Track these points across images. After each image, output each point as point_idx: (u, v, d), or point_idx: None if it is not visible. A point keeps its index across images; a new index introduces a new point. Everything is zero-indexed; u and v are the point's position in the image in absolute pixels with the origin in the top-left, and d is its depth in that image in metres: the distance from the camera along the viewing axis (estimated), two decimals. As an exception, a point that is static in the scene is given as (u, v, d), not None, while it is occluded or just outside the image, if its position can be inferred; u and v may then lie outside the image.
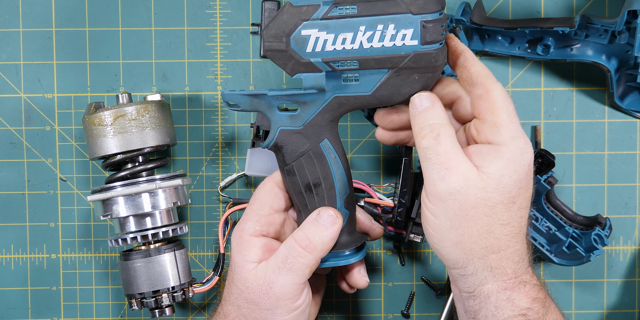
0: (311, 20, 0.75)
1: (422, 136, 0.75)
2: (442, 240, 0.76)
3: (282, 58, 0.77)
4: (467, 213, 0.74)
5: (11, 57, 0.96)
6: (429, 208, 0.75)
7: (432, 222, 0.76)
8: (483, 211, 0.74)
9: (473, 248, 0.75)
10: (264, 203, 0.83)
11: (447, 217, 0.74)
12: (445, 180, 0.73)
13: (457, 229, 0.74)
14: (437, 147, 0.74)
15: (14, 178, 0.97)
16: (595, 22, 0.88)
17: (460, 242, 0.75)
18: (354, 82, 0.78)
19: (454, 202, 0.73)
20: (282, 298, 0.79)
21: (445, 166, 0.73)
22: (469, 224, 0.74)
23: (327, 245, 0.80)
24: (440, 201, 0.74)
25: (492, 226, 0.74)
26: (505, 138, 0.74)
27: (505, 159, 0.74)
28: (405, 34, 0.75)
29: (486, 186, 0.73)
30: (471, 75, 0.77)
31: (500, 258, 0.75)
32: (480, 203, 0.73)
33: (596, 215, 0.94)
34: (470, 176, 0.73)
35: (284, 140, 0.80)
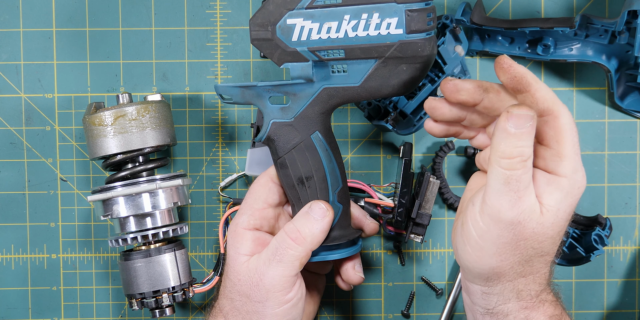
0: (296, 9, 0.77)
1: (511, 158, 0.70)
2: (479, 262, 0.74)
3: (269, 47, 0.78)
4: (517, 244, 0.72)
5: (11, 57, 0.97)
6: (478, 229, 0.73)
7: (475, 243, 0.74)
8: (532, 244, 0.73)
9: (508, 273, 0.74)
10: (258, 197, 0.84)
11: (495, 244, 0.73)
12: (514, 209, 0.71)
13: (499, 255, 0.73)
14: (522, 175, 0.71)
15: (14, 178, 0.97)
16: (595, 22, 0.88)
17: (497, 267, 0.74)
18: (342, 73, 0.78)
19: (509, 232, 0.72)
20: (272, 290, 0.79)
21: (519, 195, 0.71)
22: (514, 253, 0.73)
23: (317, 238, 0.80)
24: (497, 228, 0.72)
25: (533, 256, 0.74)
26: (567, 171, 0.72)
27: (565, 192, 0.72)
28: (389, 22, 0.75)
29: (544, 221, 0.72)
30: (537, 101, 0.73)
31: (528, 282, 0.75)
32: (533, 237, 0.72)
33: (596, 215, 0.94)
34: (535, 209, 0.72)
35: (276, 132, 0.81)
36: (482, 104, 0.77)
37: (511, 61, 0.73)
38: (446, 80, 0.76)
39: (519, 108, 0.69)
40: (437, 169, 0.96)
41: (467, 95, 0.76)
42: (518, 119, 0.69)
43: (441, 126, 0.80)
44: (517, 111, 0.69)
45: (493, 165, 0.71)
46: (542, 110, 0.73)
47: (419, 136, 0.97)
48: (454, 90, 0.76)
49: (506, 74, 0.73)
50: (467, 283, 0.79)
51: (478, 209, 0.73)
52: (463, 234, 0.75)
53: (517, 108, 0.69)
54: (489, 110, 0.77)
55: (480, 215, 0.73)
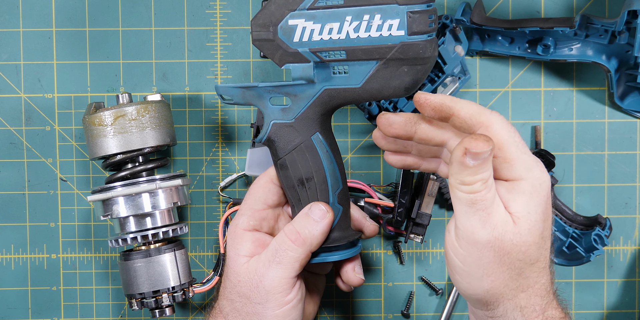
0: (298, 10, 0.77)
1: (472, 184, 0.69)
2: (472, 288, 0.73)
3: (270, 48, 0.78)
4: (501, 259, 0.71)
5: (11, 57, 0.96)
6: (459, 255, 0.72)
7: (461, 270, 0.73)
8: (517, 256, 0.71)
9: (504, 291, 0.73)
10: (257, 198, 0.84)
11: (479, 266, 0.72)
12: (486, 227, 0.70)
13: (489, 276, 0.72)
14: (486, 194, 0.70)
15: (14, 178, 0.97)
16: (595, 22, 0.88)
17: (491, 289, 0.73)
18: (343, 74, 0.78)
19: (489, 250, 0.71)
20: (272, 292, 0.79)
21: (488, 212, 0.70)
22: (502, 270, 0.72)
23: (317, 239, 0.80)
24: (475, 249, 0.71)
25: (523, 268, 0.72)
26: (521, 172, 0.71)
27: (527, 193, 0.71)
28: (391, 24, 0.75)
29: (520, 230, 0.71)
30: (464, 119, 0.72)
31: (529, 296, 0.74)
32: (515, 249, 0.71)
33: (596, 215, 0.94)
34: (507, 220, 0.71)
35: (276, 133, 0.81)
36: (417, 136, 0.78)
37: (425, 95, 0.73)
38: (380, 115, 0.78)
39: (475, 143, 0.68)
40: (437, 169, 0.96)
41: (399, 129, 0.78)
42: (476, 155, 0.68)
43: (397, 157, 0.81)
44: (475, 148, 0.68)
45: (455, 191, 0.70)
46: (473, 126, 0.72)
47: (419, 136, 0.97)
48: (387, 124, 0.78)
49: (425, 108, 0.74)
50: (472, 309, 0.78)
51: (454, 236, 0.73)
52: (448, 264, 0.74)
53: (474, 143, 0.68)
54: (425, 140, 0.78)
55: (457, 241, 0.72)
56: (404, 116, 0.78)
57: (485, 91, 0.97)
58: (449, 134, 0.76)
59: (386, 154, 0.82)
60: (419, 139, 0.78)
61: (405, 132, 0.78)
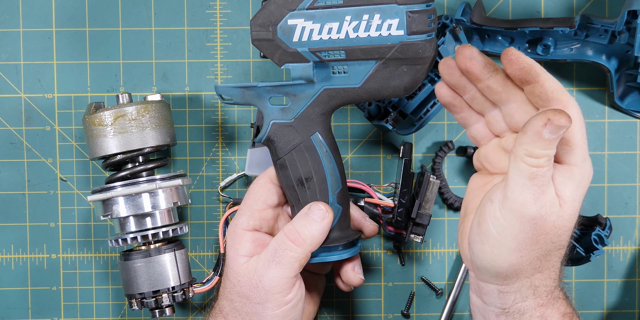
0: (297, 10, 0.77)
1: (539, 158, 0.70)
2: (497, 261, 0.74)
3: (270, 48, 0.78)
4: (537, 238, 0.72)
5: (11, 57, 0.96)
6: (498, 225, 0.72)
7: (494, 240, 0.73)
8: (551, 238, 0.72)
9: (526, 269, 0.74)
10: (257, 198, 0.84)
11: (516, 240, 0.72)
12: (537, 203, 0.70)
13: (520, 251, 0.72)
14: (547, 171, 0.70)
15: (14, 178, 0.97)
16: (595, 22, 0.88)
17: (517, 264, 0.73)
18: (342, 74, 0.78)
19: (531, 226, 0.71)
20: (271, 292, 0.79)
21: (543, 189, 0.71)
22: (534, 248, 0.72)
23: (316, 239, 0.80)
24: (518, 222, 0.71)
25: (552, 250, 0.74)
26: (577, 159, 0.72)
27: (577, 181, 0.72)
28: (390, 24, 0.75)
29: (564, 213, 0.72)
30: (546, 90, 0.72)
31: (544, 277, 0.75)
32: (553, 230, 0.72)
33: (596, 215, 0.94)
34: (555, 202, 0.71)
35: (276, 133, 0.81)
36: (486, 83, 0.76)
37: (518, 52, 0.72)
38: (465, 46, 0.75)
39: (560, 116, 0.68)
40: (437, 169, 0.96)
41: (477, 66, 0.75)
42: (557, 128, 0.68)
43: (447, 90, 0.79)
44: (559, 121, 0.68)
45: (518, 161, 0.71)
46: (551, 100, 0.72)
47: (419, 136, 0.97)
48: (469, 56, 0.75)
49: (514, 65, 0.72)
50: (480, 284, 0.78)
51: (498, 206, 0.73)
52: (480, 233, 0.74)
53: (558, 116, 0.68)
54: (489, 91, 0.76)
55: (501, 211, 0.72)
56: (487, 58, 0.75)
57: (485, 91, 0.97)
58: (517, 97, 0.75)
59: (439, 85, 0.79)
60: (487, 86, 0.76)
61: (479, 73, 0.75)
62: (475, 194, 0.80)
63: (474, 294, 0.80)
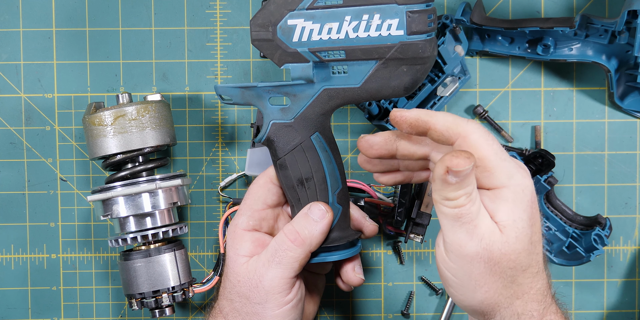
0: (297, 10, 0.77)
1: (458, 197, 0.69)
2: (466, 300, 0.73)
3: (269, 48, 0.79)
4: (492, 269, 0.71)
5: (11, 57, 0.96)
6: (450, 269, 0.72)
7: (453, 283, 0.73)
8: (507, 264, 0.71)
9: (499, 300, 0.72)
10: (257, 198, 0.84)
11: (471, 278, 0.71)
12: (473, 239, 0.69)
13: (481, 287, 0.71)
14: (471, 207, 0.69)
15: (14, 178, 0.97)
16: (595, 22, 0.88)
17: (486, 299, 0.72)
18: (342, 74, 0.78)
19: (479, 262, 0.70)
20: (271, 292, 0.79)
21: (474, 224, 0.69)
22: (494, 279, 0.71)
23: (316, 239, 0.80)
24: (465, 262, 0.70)
25: (515, 275, 0.72)
26: (502, 180, 0.70)
27: (510, 200, 0.70)
28: (390, 24, 0.75)
29: (507, 238, 0.70)
30: (441, 132, 0.71)
31: (525, 302, 0.73)
32: (504, 257, 0.70)
33: (596, 215, 0.94)
34: (494, 230, 0.70)
35: (275, 133, 0.81)
36: (399, 153, 0.76)
37: (400, 112, 0.72)
38: (360, 138, 0.77)
39: (457, 160, 0.67)
40: (437, 169, 0.96)
41: (381, 149, 0.76)
42: (458, 173, 0.67)
43: (387, 176, 0.80)
44: (457, 167, 0.67)
45: (439, 206, 0.70)
46: (450, 137, 0.71)
47: (419, 136, 0.97)
48: (367, 146, 0.77)
49: (402, 125, 0.73)
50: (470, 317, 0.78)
51: (443, 250, 0.72)
52: (441, 278, 0.74)
53: (456, 161, 0.67)
54: (408, 156, 0.77)
55: (447, 254, 0.72)
56: (383, 136, 0.76)
57: (485, 91, 0.97)
58: (429, 147, 0.76)
59: (376, 176, 0.81)
60: (401, 155, 0.77)
61: (387, 151, 0.77)
62: None
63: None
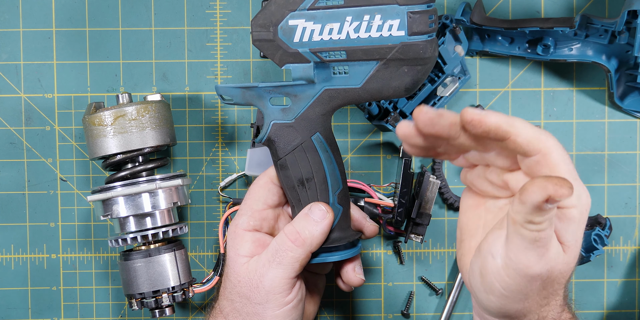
0: (298, 10, 0.77)
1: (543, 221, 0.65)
2: (503, 308, 0.71)
3: (270, 48, 0.79)
4: (545, 286, 0.69)
5: (11, 57, 0.96)
6: (504, 282, 0.69)
7: (500, 294, 0.70)
8: (558, 281, 0.70)
9: (533, 309, 0.71)
10: (257, 198, 0.84)
11: (522, 293, 0.69)
12: (542, 261, 0.67)
13: (527, 300, 0.70)
14: (550, 231, 0.66)
15: (14, 178, 0.97)
16: (595, 22, 0.88)
17: (524, 308, 0.71)
18: (343, 75, 0.78)
19: (537, 281, 0.69)
20: (272, 292, 0.79)
21: (547, 248, 0.67)
22: (542, 294, 0.70)
23: (317, 239, 0.80)
24: (524, 281, 0.68)
25: (558, 289, 0.71)
26: (573, 200, 0.68)
27: (576, 221, 0.69)
28: (392, 24, 0.75)
29: (569, 260, 0.69)
30: (520, 145, 0.67)
31: (551, 307, 0.72)
32: (561, 275, 0.69)
33: (596, 215, 0.94)
34: (560, 252, 0.68)
35: (276, 133, 0.81)
36: (459, 141, 0.69)
37: (479, 115, 0.65)
38: (420, 110, 0.67)
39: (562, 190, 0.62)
40: (437, 169, 0.96)
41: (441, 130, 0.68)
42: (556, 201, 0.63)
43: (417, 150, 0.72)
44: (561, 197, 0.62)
45: (518, 227, 0.66)
46: (530, 151, 0.67)
47: (419, 136, 0.97)
48: (429, 123, 0.68)
49: (477, 129, 0.66)
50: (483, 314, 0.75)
51: (501, 264, 0.69)
52: (485, 285, 0.71)
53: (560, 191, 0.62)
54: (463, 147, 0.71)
55: (506, 270, 0.69)
56: (449, 119, 0.67)
57: (485, 91, 0.97)
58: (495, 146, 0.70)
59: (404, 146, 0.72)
60: (459, 144, 0.70)
61: (446, 135, 0.68)
62: (468, 216, 0.76)
63: (478, 317, 0.77)
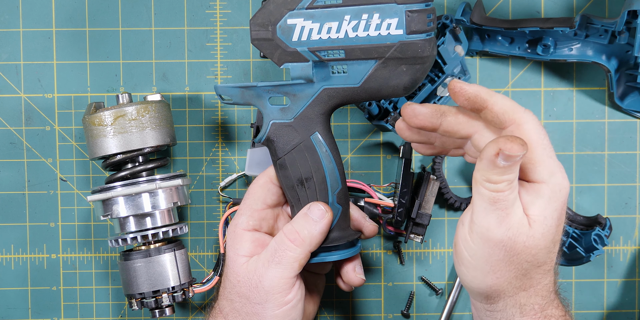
0: (297, 9, 0.77)
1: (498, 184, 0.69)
2: (475, 282, 0.74)
3: (269, 47, 0.79)
4: (510, 259, 0.72)
5: (11, 57, 0.97)
6: (469, 249, 0.73)
7: (467, 263, 0.74)
8: (525, 258, 0.72)
9: (506, 288, 0.74)
10: (257, 198, 0.84)
11: (488, 262, 0.72)
12: (502, 226, 0.70)
13: (494, 273, 0.72)
14: (509, 195, 0.70)
15: (14, 178, 0.97)
16: (595, 22, 0.88)
17: (494, 285, 0.73)
18: (342, 74, 0.78)
19: (500, 249, 0.71)
20: (271, 292, 0.79)
21: (507, 212, 0.70)
22: (509, 268, 0.72)
23: (316, 239, 0.80)
24: (487, 246, 0.71)
25: (529, 269, 0.73)
26: (543, 176, 0.71)
27: (546, 197, 0.71)
28: (390, 23, 0.76)
29: (534, 233, 0.71)
30: (497, 114, 0.72)
31: (530, 295, 0.74)
32: (525, 250, 0.71)
33: (596, 215, 0.94)
34: (523, 222, 0.71)
35: (275, 133, 0.81)
36: (442, 128, 0.76)
37: (461, 83, 0.72)
38: (405, 105, 0.76)
39: (511, 145, 0.67)
40: (437, 169, 0.96)
41: (425, 120, 0.75)
42: (508, 157, 0.67)
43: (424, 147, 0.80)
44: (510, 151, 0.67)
45: (478, 186, 0.70)
46: (504, 122, 0.71)
47: (419, 136, 0.97)
48: (412, 115, 0.75)
49: (459, 97, 0.72)
50: (472, 300, 0.78)
51: (467, 229, 0.73)
52: (456, 255, 0.75)
53: (509, 145, 0.67)
54: (450, 133, 0.76)
55: (470, 235, 0.72)
56: (430, 107, 0.75)
57: (485, 91, 0.97)
58: (475, 128, 0.75)
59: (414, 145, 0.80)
60: (443, 131, 0.76)
61: (430, 124, 0.75)
62: None
63: (472, 307, 0.80)
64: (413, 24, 0.75)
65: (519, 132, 0.71)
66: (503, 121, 0.72)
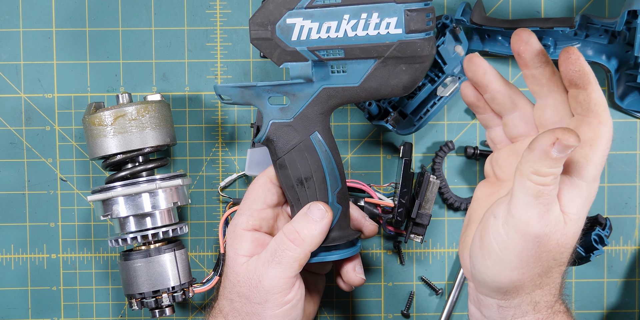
0: (296, 9, 0.77)
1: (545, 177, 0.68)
2: (499, 276, 0.73)
3: (269, 47, 0.79)
4: (540, 256, 0.71)
5: (11, 57, 0.97)
6: (501, 242, 0.71)
7: (496, 257, 0.72)
8: (554, 256, 0.72)
9: (527, 285, 0.73)
10: (257, 198, 0.84)
11: (518, 257, 0.71)
12: (541, 221, 0.69)
13: (522, 268, 0.72)
14: (553, 190, 0.69)
15: (14, 178, 0.97)
16: (595, 22, 0.88)
17: (518, 280, 0.73)
18: (341, 73, 0.78)
19: (534, 244, 0.70)
20: (271, 292, 0.79)
21: (548, 208, 0.69)
22: (536, 265, 0.72)
23: (316, 239, 0.80)
24: (522, 240, 0.70)
25: (553, 267, 0.73)
26: (589, 176, 0.71)
27: (584, 198, 0.71)
28: (389, 22, 0.76)
29: (568, 231, 0.71)
30: (590, 100, 0.71)
31: (545, 293, 0.74)
32: (556, 248, 0.71)
33: (596, 215, 0.94)
34: (560, 220, 0.70)
35: (275, 133, 0.81)
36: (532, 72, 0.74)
37: (580, 55, 0.71)
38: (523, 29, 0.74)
39: (569, 135, 0.66)
40: (437, 169, 0.96)
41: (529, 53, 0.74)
42: (565, 147, 0.66)
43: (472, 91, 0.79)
44: (567, 140, 0.66)
45: (523, 179, 0.69)
46: (590, 111, 0.71)
47: (419, 136, 0.97)
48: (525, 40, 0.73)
49: (571, 66, 0.70)
50: (479, 296, 0.77)
51: (502, 222, 0.71)
52: (483, 248, 0.73)
53: (567, 135, 0.66)
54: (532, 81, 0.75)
55: (505, 228, 0.71)
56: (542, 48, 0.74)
57: (485, 91, 0.97)
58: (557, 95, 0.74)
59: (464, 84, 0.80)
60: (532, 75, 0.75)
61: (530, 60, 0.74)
62: (480, 203, 0.79)
63: (473, 305, 0.79)
64: (412, 23, 0.75)
65: (597, 127, 0.70)
66: (590, 110, 0.71)
